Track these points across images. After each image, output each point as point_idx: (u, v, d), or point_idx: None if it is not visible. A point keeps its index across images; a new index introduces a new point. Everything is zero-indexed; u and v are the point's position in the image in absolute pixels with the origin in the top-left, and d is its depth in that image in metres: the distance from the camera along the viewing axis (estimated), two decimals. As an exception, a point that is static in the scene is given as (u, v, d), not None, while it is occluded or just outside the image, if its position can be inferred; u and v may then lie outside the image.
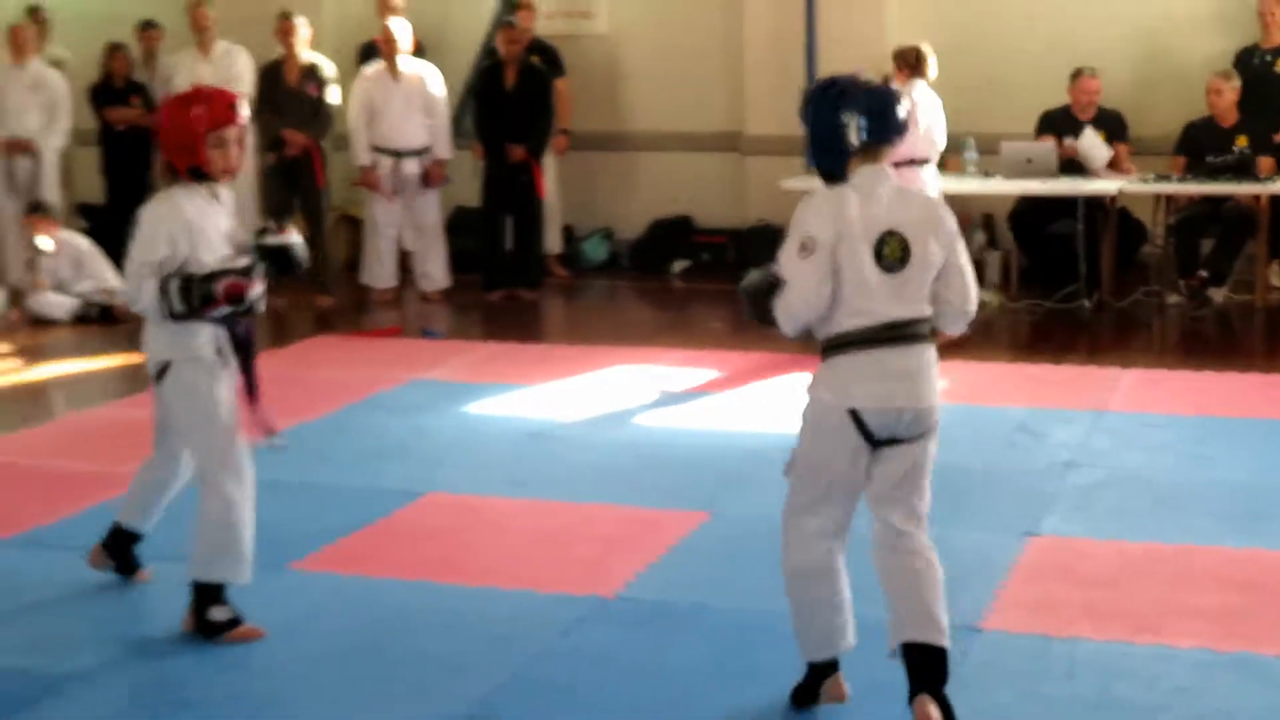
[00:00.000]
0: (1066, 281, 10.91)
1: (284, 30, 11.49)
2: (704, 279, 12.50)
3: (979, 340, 10.17)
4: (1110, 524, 6.37)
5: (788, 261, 4.49)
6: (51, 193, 12.15)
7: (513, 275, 11.73)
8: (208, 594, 5.28)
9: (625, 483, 6.98)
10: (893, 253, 4.41)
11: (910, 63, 10.46)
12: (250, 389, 5.45)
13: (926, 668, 4.46)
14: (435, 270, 11.90)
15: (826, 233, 4.41)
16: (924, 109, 10.15)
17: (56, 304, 11.03)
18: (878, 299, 4.41)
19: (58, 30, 13.41)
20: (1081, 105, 11.36)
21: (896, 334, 4.47)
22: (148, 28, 13.05)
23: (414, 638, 5.29)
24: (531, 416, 8.25)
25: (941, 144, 10.47)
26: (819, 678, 4.68)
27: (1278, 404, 8.29)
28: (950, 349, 9.53)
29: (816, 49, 12.29)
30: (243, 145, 5.40)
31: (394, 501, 6.76)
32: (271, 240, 5.39)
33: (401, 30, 11.58)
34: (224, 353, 5.35)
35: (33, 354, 10.18)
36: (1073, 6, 12.07)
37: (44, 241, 11.10)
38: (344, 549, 6.19)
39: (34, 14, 13.16)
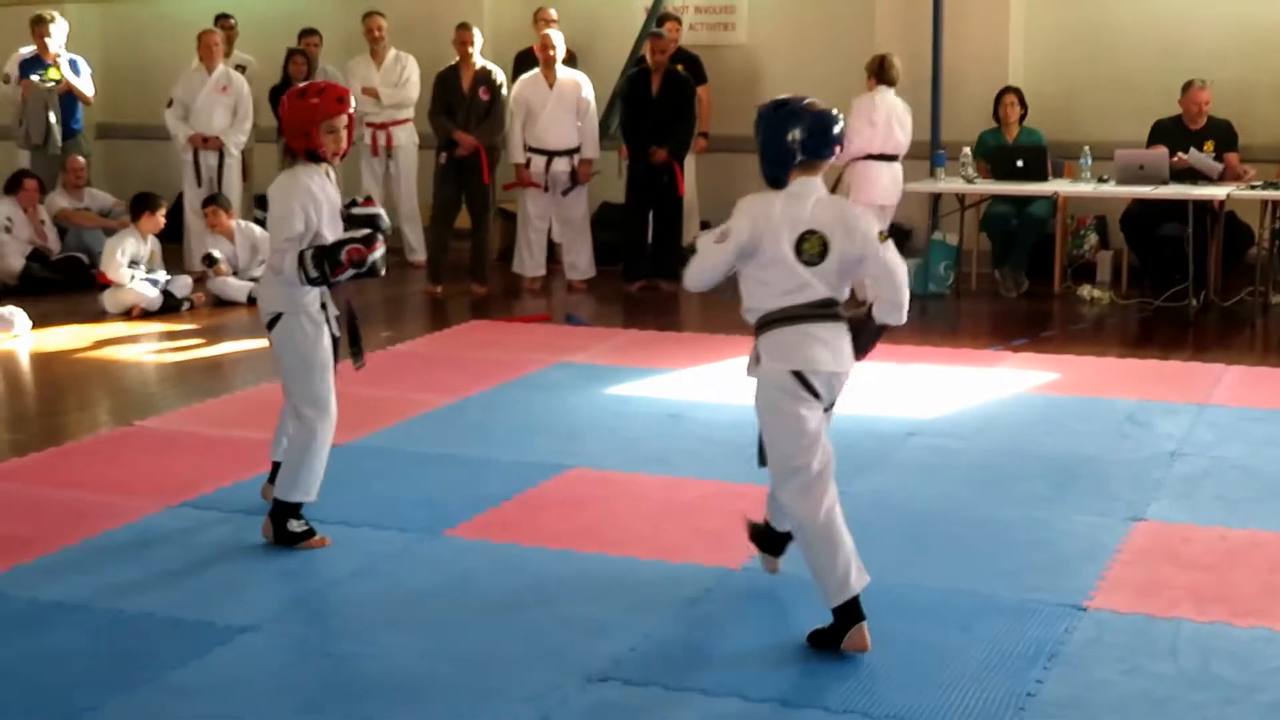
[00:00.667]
0: (1175, 281, 10.73)
1: (462, 40, 11.60)
2: (831, 273, 12.42)
3: (1091, 335, 10.06)
4: (1213, 511, 6.25)
5: (707, 240, 5.01)
6: (233, 186, 12.40)
7: (653, 267, 11.75)
8: (287, 510, 5.81)
9: (754, 461, 6.95)
10: (812, 248, 4.82)
11: (874, 70, 11.10)
12: (354, 340, 5.93)
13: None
14: (581, 261, 11.97)
15: (744, 231, 4.86)
16: (886, 112, 10.88)
17: (235, 287, 11.22)
18: (802, 284, 4.83)
19: (243, 36, 13.66)
20: (1192, 115, 11.13)
21: (818, 312, 4.86)
22: (307, 34, 13.19)
23: (557, 601, 5.31)
24: (669, 398, 8.26)
25: (906, 142, 11.01)
26: (846, 624, 4.80)
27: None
28: (1063, 344, 9.49)
29: (943, 59, 12.17)
30: (351, 132, 5.79)
31: (541, 474, 6.79)
32: (359, 210, 5.84)
33: (557, 40, 11.66)
34: (326, 307, 5.76)
35: (214, 333, 10.36)
36: (1185, 17, 11.84)
37: (214, 245, 11.36)
38: (496, 518, 6.23)
39: (222, 22, 13.41)
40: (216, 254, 11.33)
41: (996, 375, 8.74)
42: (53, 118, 12.83)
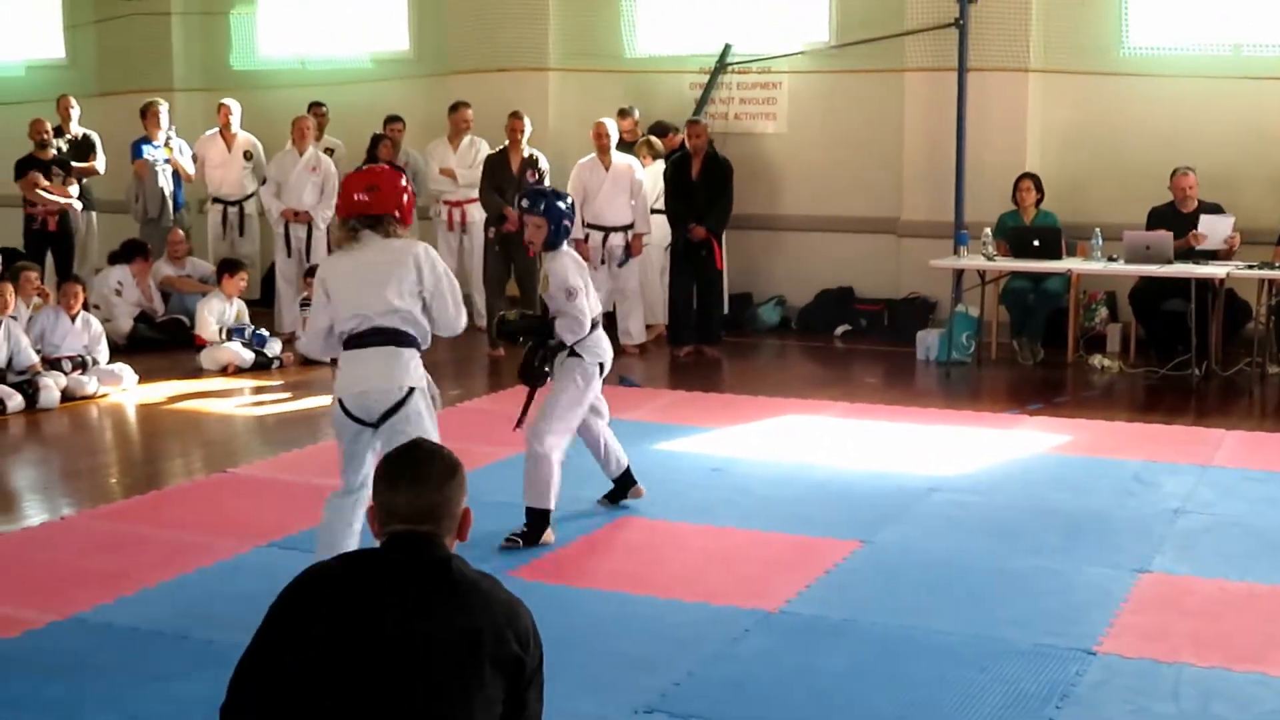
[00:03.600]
0: (1178, 352, 10.65)
1: (513, 127, 11.78)
2: (862, 341, 12.42)
3: (1101, 401, 9.99)
4: (1214, 564, 6.18)
5: (575, 295, 6.51)
6: (320, 256, 12.50)
7: (698, 334, 11.78)
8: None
9: (791, 513, 6.94)
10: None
11: (652, 149, 12.25)
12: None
13: None
14: (634, 328, 12.00)
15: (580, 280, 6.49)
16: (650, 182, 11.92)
17: (321, 347, 11.29)
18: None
19: (333, 122, 13.82)
20: (1182, 199, 11.10)
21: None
22: (392, 121, 13.32)
23: (607, 639, 5.30)
24: (713, 453, 8.25)
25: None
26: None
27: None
28: (1075, 408, 9.43)
29: (966, 147, 12.19)
30: None
31: (595, 523, 6.80)
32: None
33: (611, 128, 11.78)
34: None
35: (300, 388, 10.43)
36: (1183, 110, 11.80)
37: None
38: (551, 561, 6.23)
39: (314, 108, 13.58)
40: None
41: (1014, 436, 8.69)
42: (166, 191, 13.06)
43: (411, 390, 5.35)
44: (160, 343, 11.92)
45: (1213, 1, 11.88)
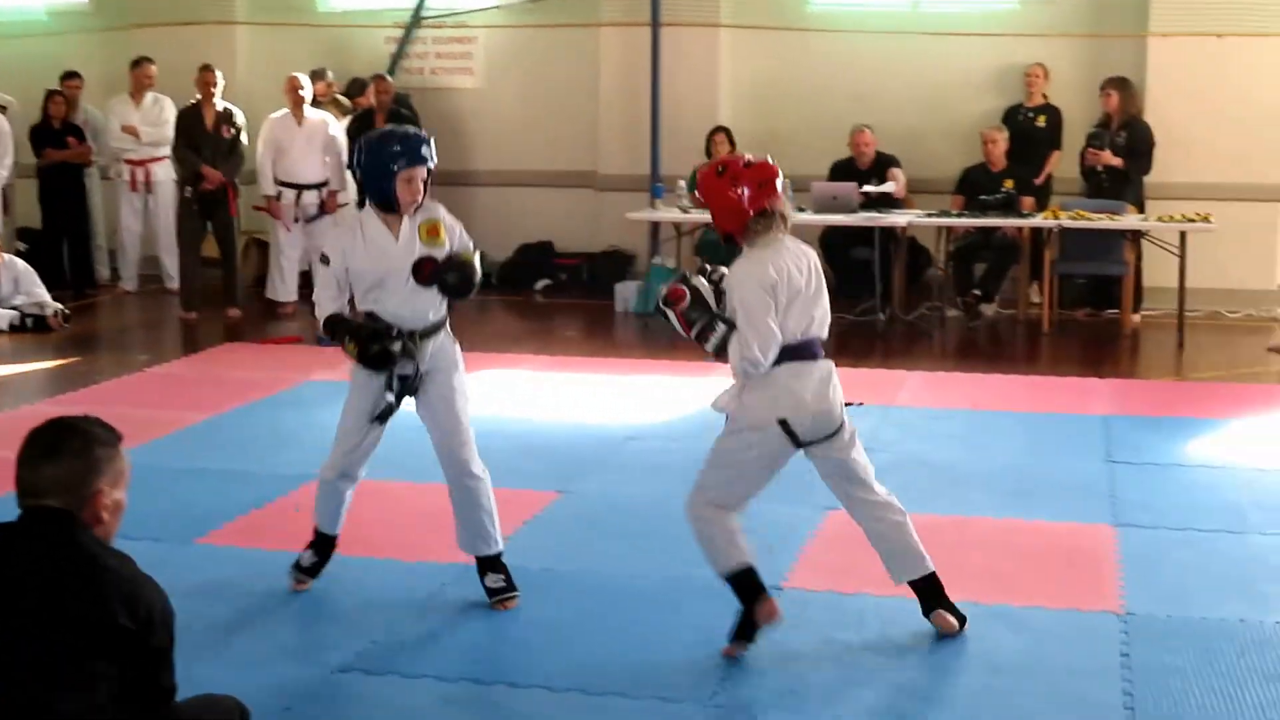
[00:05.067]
0: (865, 298, 11.06)
1: (205, 81, 11.36)
2: (562, 295, 12.49)
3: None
4: (897, 499, 6.42)
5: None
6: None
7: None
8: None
9: (490, 466, 6.85)
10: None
11: (340, 107, 12.10)
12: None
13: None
14: (332, 287, 11.78)
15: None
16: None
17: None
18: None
19: (4, 78, 13.11)
20: (860, 154, 11.50)
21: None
22: (69, 77, 12.73)
23: (303, 601, 5.22)
24: (412, 410, 8.15)
25: None
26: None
27: (1037, 400, 8.45)
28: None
29: (661, 101, 12.34)
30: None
31: (290, 484, 6.64)
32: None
33: (305, 82, 11.51)
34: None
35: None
36: (868, 68, 12.20)
37: None
38: (245, 525, 6.09)
39: (-19, 63, 12.87)
40: None
41: (709, 385, 8.78)
42: None
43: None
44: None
45: (891, -41, 12.31)
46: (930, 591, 4.87)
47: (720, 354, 4.70)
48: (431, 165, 5.05)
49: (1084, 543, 5.84)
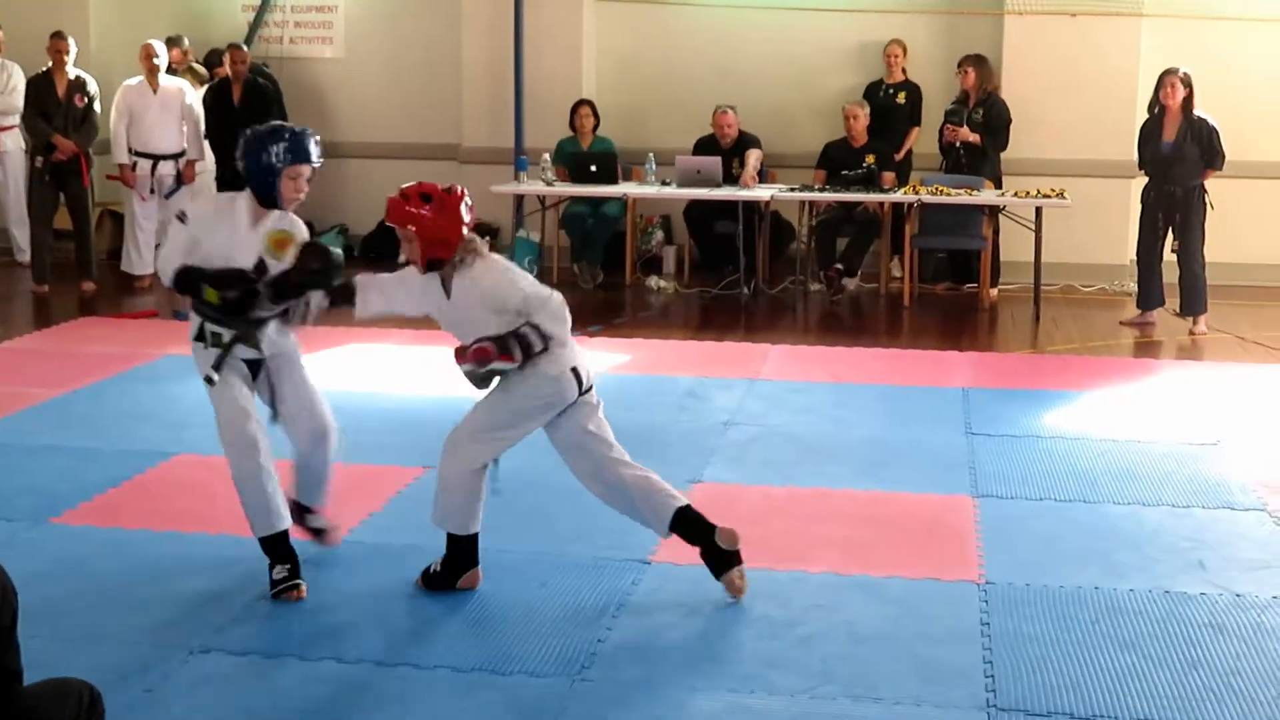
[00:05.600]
0: (729, 272, 11.11)
1: (56, 48, 11.06)
2: (427, 269, 12.36)
3: (658, 321, 10.33)
4: (760, 472, 6.49)
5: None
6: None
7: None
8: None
9: (356, 442, 6.76)
10: None
11: (196, 75, 11.96)
12: None
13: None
14: (190, 259, 11.55)
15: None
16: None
17: None
18: None
19: None
20: (722, 134, 11.54)
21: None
22: None
23: (161, 580, 5.10)
24: (273, 386, 8.02)
25: None
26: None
27: (898, 373, 8.55)
28: (634, 329, 9.72)
29: (524, 73, 12.27)
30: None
31: (147, 461, 6.52)
32: None
33: (160, 49, 11.26)
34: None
35: None
36: (732, 43, 12.26)
37: None
38: (101, 504, 5.93)
39: None
40: None
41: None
42: None
43: None
44: None
45: (754, -66, 12.35)
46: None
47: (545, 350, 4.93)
48: (317, 164, 5.05)
49: (944, 513, 5.93)
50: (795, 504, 6.03)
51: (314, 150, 5.02)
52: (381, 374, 8.35)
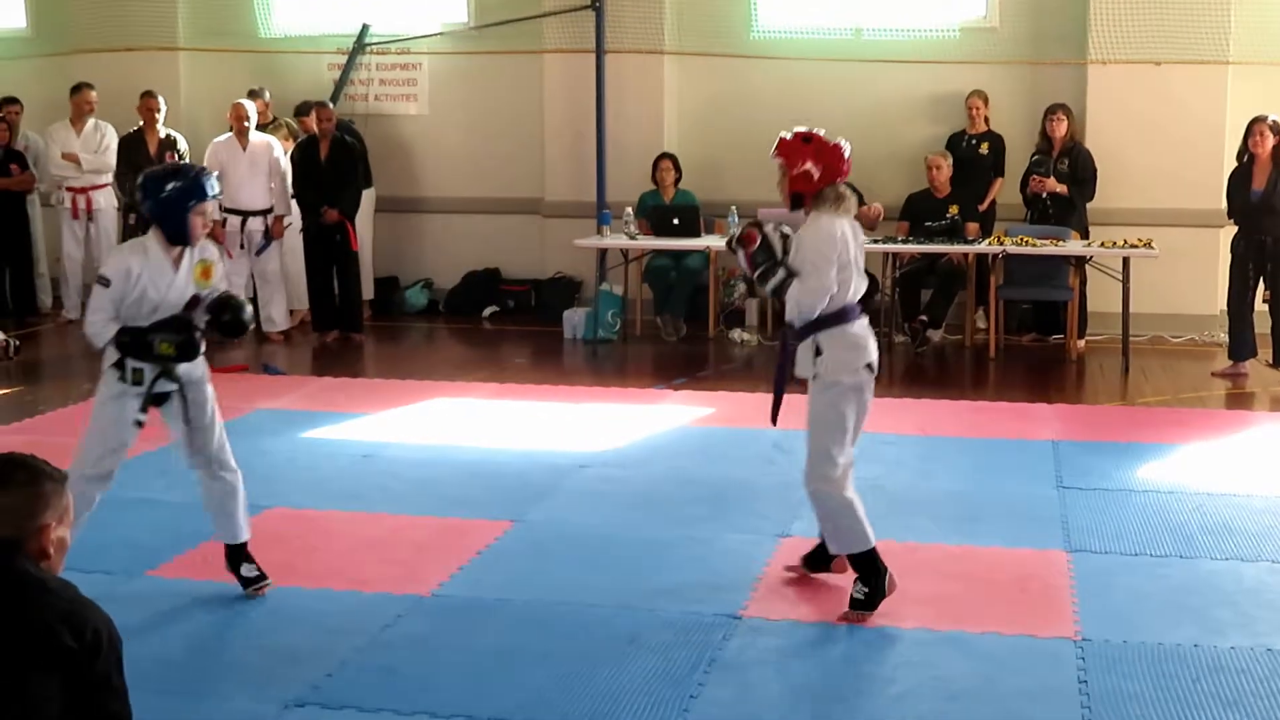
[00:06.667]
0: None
1: (148, 107, 11.34)
2: (510, 322, 12.47)
3: (742, 373, 10.34)
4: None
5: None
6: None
7: (340, 319, 11.59)
8: None
9: (442, 496, 6.90)
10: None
11: (290, 131, 12.12)
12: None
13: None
14: (277, 314, 11.73)
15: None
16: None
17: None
18: None
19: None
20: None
21: None
22: (8, 103, 12.56)
23: (257, 633, 5.16)
24: (361, 439, 8.12)
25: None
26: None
27: (985, 426, 8.49)
28: (717, 382, 9.72)
29: (606, 128, 12.36)
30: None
31: (240, 514, 6.58)
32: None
33: (250, 108, 11.47)
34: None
35: None
36: (814, 90, 12.27)
37: None
38: (196, 558, 6.00)
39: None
40: None
41: (659, 411, 8.88)
42: None
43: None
44: None
45: (834, -14, 12.41)
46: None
47: (777, 294, 5.37)
48: (218, 198, 5.38)
49: (1036, 568, 5.87)
50: (886, 558, 5.96)
51: (211, 186, 5.25)
52: (465, 428, 8.40)
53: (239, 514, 5.54)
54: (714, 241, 11.30)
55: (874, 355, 5.40)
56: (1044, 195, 11.11)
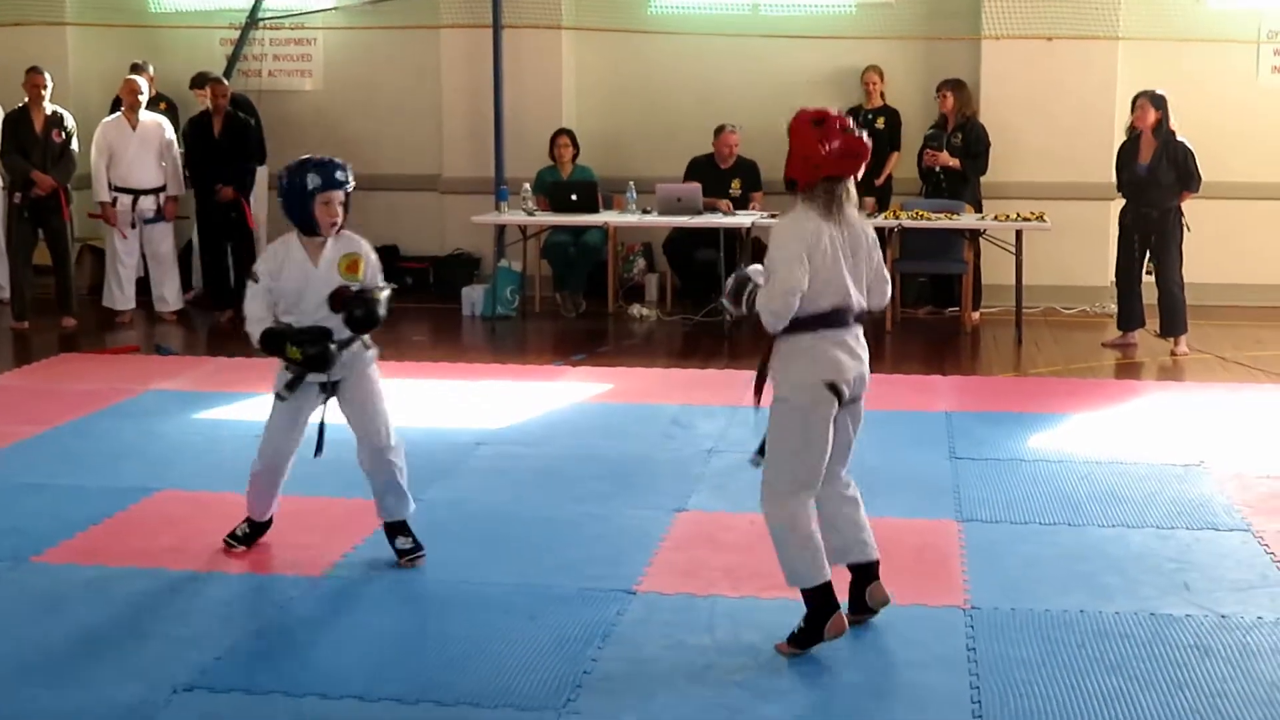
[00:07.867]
0: (711, 299, 11.13)
1: (34, 83, 11.06)
2: (409, 299, 12.36)
3: (641, 349, 10.34)
4: (745, 500, 6.42)
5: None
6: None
7: (236, 297, 11.44)
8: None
9: (338, 477, 6.79)
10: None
11: None
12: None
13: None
14: (169, 294, 11.59)
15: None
16: None
17: None
18: None
19: None
20: (723, 155, 11.60)
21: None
22: None
23: (147, 619, 5.09)
24: (255, 420, 7.97)
25: None
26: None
27: (881, 398, 8.36)
28: (617, 357, 9.73)
29: (504, 103, 12.30)
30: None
31: (130, 498, 6.49)
32: None
33: (142, 85, 11.29)
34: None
35: None
36: (715, 70, 12.31)
37: None
38: (84, 542, 5.90)
39: None
40: None
41: (559, 387, 8.87)
42: None
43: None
44: None
45: (731, -38, 12.44)
46: (867, 577, 4.98)
47: (751, 308, 4.85)
48: (349, 189, 5.45)
49: (929, 538, 5.94)
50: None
51: (342, 176, 5.42)
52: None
53: (403, 488, 5.66)
54: (612, 217, 11.29)
55: (837, 374, 4.78)
56: (938, 169, 11.22)
